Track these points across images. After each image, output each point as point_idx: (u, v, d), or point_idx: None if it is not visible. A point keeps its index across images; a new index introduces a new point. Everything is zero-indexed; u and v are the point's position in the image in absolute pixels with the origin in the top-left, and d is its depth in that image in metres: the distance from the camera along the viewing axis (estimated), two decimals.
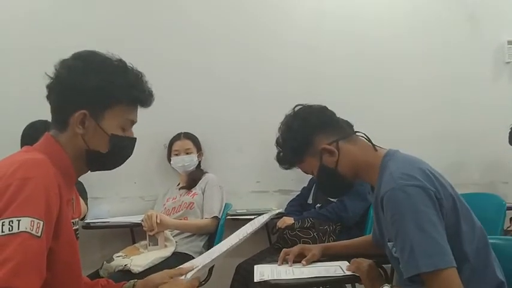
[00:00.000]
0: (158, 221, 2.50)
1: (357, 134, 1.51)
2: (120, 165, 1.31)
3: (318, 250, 1.68)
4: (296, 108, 1.53)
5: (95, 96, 1.18)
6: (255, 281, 1.50)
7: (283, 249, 1.71)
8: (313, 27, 3.42)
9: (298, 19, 3.42)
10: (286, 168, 1.57)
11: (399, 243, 1.23)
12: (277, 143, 1.55)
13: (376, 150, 1.45)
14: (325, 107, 1.55)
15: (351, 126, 2.32)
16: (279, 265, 1.64)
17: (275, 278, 1.50)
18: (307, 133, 1.47)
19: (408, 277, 1.22)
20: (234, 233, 1.42)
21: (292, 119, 1.51)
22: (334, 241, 2.51)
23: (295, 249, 1.69)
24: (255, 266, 1.65)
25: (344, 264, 1.57)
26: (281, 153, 1.54)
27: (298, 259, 1.65)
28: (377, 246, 1.56)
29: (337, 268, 1.54)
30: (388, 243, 1.37)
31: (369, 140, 1.48)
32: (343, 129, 1.51)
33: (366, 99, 3.38)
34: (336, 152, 1.44)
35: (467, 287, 1.20)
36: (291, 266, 1.62)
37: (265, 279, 1.48)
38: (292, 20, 3.41)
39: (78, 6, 3.18)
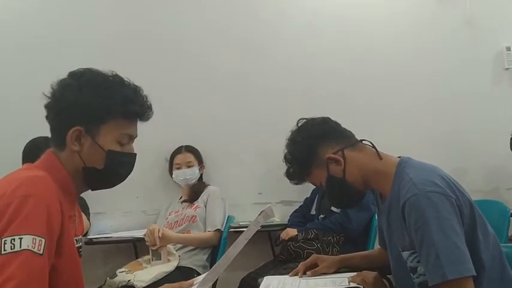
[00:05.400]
0: (160, 235, 2.49)
1: (363, 142, 1.50)
2: (120, 182, 1.29)
3: (333, 261, 1.65)
4: (299, 123, 1.54)
5: (88, 112, 1.18)
6: None
7: (301, 262, 1.68)
8: (313, 29, 3.44)
9: (297, 22, 3.43)
10: (297, 184, 1.56)
11: (424, 250, 1.22)
12: (285, 159, 1.54)
13: (381, 158, 1.44)
14: (328, 118, 1.55)
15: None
16: (289, 276, 1.62)
17: None
18: (311, 144, 1.47)
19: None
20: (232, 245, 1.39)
21: (296, 133, 1.52)
22: (338, 252, 2.49)
23: (309, 260, 1.67)
24: (265, 278, 1.63)
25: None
26: (290, 169, 1.53)
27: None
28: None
29: (344, 280, 1.51)
30: (404, 252, 1.34)
31: (375, 148, 1.48)
32: (348, 138, 1.50)
33: (367, 106, 3.39)
34: (342, 161, 1.43)
35: None
36: (300, 277, 1.60)
37: None
38: (292, 24, 3.43)
39: (78, 18, 3.20)
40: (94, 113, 1.18)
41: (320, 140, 1.47)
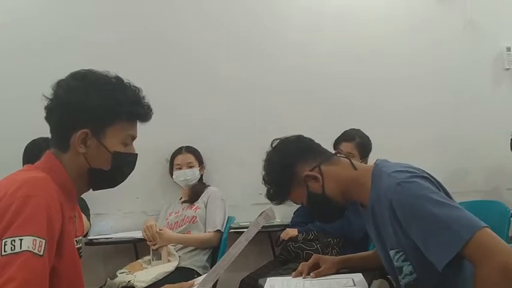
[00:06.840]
0: (158, 230, 2.54)
1: (338, 155, 1.53)
2: (121, 182, 1.30)
3: (334, 262, 1.66)
4: (274, 143, 1.55)
5: (96, 114, 1.18)
6: None
7: (302, 263, 1.69)
8: (313, 30, 3.44)
9: (297, 23, 3.43)
10: (278, 204, 1.56)
11: (429, 230, 1.18)
12: (264, 181, 1.55)
13: (355, 168, 1.45)
14: (301, 135, 1.56)
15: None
16: (293, 277, 1.62)
17: None
18: (288, 163, 1.48)
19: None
20: (232, 246, 1.39)
21: (271, 153, 1.54)
22: (338, 253, 2.49)
23: (311, 260, 1.67)
24: (268, 279, 1.63)
25: (357, 276, 1.54)
26: (271, 191, 1.54)
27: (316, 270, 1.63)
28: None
29: (348, 280, 1.51)
30: (390, 251, 1.34)
31: (348, 159, 1.50)
32: (323, 153, 1.52)
33: (366, 107, 3.39)
34: (320, 177, 1.45)
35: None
36: (304, 277, 1.60)
37: None
38: (293, 25, 3.43)
39: (78, 19, 3.21)
40: (101, 115, 1.19)
41: (296, 158, 1.48)
